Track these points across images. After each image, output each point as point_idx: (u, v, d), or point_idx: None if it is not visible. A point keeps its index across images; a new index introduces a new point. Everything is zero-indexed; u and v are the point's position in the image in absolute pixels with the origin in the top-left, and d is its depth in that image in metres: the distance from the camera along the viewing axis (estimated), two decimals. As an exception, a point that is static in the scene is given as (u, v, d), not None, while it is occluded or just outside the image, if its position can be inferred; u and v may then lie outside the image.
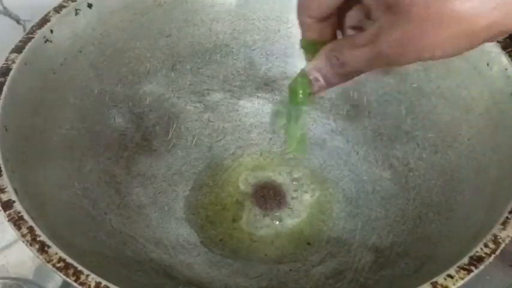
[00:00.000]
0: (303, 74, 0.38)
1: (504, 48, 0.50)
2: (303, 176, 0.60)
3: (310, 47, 0.38)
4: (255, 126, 0.64)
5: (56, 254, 0.38)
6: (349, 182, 0.59)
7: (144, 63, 0.61)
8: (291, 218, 0.57)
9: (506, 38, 0.50)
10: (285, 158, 0.62)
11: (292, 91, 0.39)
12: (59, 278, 0.50)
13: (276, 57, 0.64)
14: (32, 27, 0.52)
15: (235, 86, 0.64)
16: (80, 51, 0.55)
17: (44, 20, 0.52)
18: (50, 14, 0.53)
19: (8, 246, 0.58)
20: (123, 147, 0.59)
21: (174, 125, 0.62)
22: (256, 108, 0.65)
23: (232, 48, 0.64)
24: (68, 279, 0.37)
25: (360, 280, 0.50)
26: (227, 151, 0.62)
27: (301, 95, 0.39)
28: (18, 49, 0.49)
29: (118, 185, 0.56)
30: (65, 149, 0.52)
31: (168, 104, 0.62)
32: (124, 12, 0.58)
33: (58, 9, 0.53)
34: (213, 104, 0.64)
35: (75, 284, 0.37)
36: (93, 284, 0.37)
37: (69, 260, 0.38)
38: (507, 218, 0.40)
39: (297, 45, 0.62)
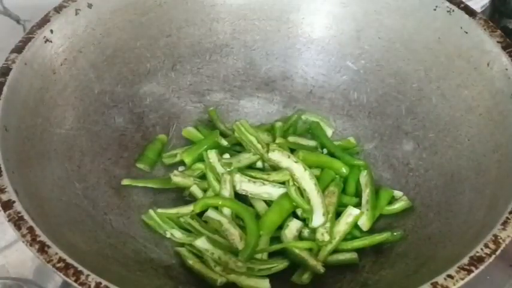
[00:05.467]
0: None
1: (504, 48, 0.50)
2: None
3: None
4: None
5: (56, 254, 0.38)
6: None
7: (144, 63, 0.61)
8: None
9: (506, 38, 0.50)
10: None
11: None
12: (59, 278, 0.50)
13: (276, 57, 0.64)
14: (32, 27, 0.52)
15: (235, 86, 0.64)
16: (80, 51, 0.55)
17: (44, 20, 0.52)
18: (50, 14, 0.53)
19: (8, 246, 0.58)
20: (123, 147, 0.59)
21: (174, 125, 0.62)
22: (256, 108, 0.65)
23: (232, 48, 0.64)
24: (68, 280, 0.37)
25: (360, 280, 0.50)
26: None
27: None
28: (18, 49, 0.49)
29: (118, 185, 0.56)
30: (65, 149, 0.52)
31: (168, 104, 0.62)
32: (124, 12, 0.58)
33: (58, 9, 0.53)
34: (213, 104, 0.64)
35: (75, 284, 0.37)
36: (93, 284, 0.37)
37: (69, 260, 0.38)
38: (507, 218, 0.40)
39: (297, 45, 0.64)
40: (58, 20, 0.53)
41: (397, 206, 0.54)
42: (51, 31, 0.52)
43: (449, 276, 0.37)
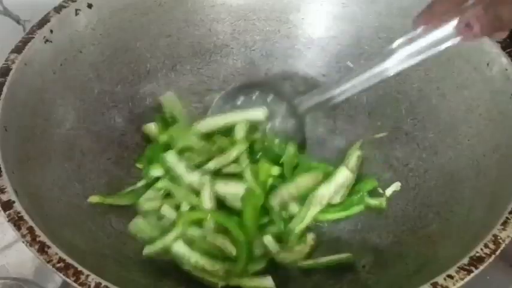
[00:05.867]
0: None
1: (504, 48, 0.50)
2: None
3: None
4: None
5: (56, 254, 0.38)
6: (349, 182, 0.59)
7: (144, 63, 0.61)
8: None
9: (506, 38, 0.50)
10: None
11: None
12: (59, 278, 0.50)
13: (276, 58, 0.64)
14: (32, 27, 0.52)
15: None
16: (80, 51, 0.55)
17: (44, 20, 0.52)
18: (50, 14, 0.53)
19: (8, 246, 0.58)
20: (123, 147, 0.59)
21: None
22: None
23: (232, 48, 0.64)
24: (68, 280, 0.37)
25: (360, 280, 0.50)
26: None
27: None
28: (18, 49, 0.49)
29: (118, 185, 0.56)
30: (65, 149, 0.52)
31: (168, 104, 0.62)
32: (124, 12, 0.58)
33: (58, 9, 0.53)
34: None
35: (75, 284, 0.37)
36: (93, 285, 0.37)
37: (69, 260, 0.38)
38: (507, 218, 0.40)
39: (297, 46, 0.64)
40: (58, 20, 0.53)
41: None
42: (51, 31, 0.52)
43: (449, 276, 0.37)
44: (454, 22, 0.42)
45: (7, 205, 0.40)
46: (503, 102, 0.49)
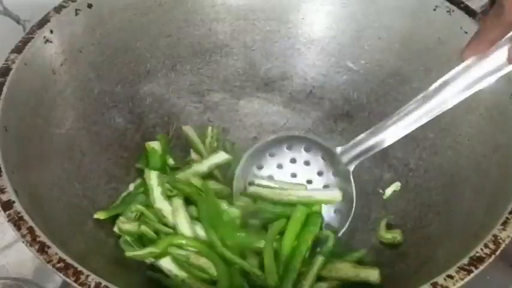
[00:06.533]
0: None
1: (504, 48, 0.49)
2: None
3: None
4: (255, 126, 0.64)
5: (56, 254, 0.38)
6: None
7: (144, 63, 0.61)
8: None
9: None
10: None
11: None
12: (59, 278, 0.50)
13: (276, 58, 0.64)
14: (32, 27, 0.52)
15: (235, 86, 0.64)
16: (80, 51, 0.55)
17: (44, 20, 0.52)
18: (50, 14, 0.53)
19: (8, 246, 0.58)
20: (123, 147, 0.59)
21: (174, 125, 0.62)
22: (256, 109, 0.65)
23: (232, 48, 0.64)
24: (68, 280, 0.37)
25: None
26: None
27: None
28: (18, 49, 0.49)
29: (118, 185, 0.56)
30: (65, 149, 0.52)
31: (168, 104, 0.63)
32: (124, 12, 0.58)
33: (58, 9, 0.53)
34: (213, 104, 0.64)
35: (75, 284, 0.37)
36: (93, 285, 0.37)
37: (69, 260, 0.38)
38: (507, 218, 0.40)
39: (297, 46, 0.64)
40: (58, 20, 0.53)
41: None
42: (51, 31, 0.52)
43: (449, 276, 0.37)
44: (504, 50, 0.41)
45: (7, 205, 0.40)
46: (503, 102, 0.49)
